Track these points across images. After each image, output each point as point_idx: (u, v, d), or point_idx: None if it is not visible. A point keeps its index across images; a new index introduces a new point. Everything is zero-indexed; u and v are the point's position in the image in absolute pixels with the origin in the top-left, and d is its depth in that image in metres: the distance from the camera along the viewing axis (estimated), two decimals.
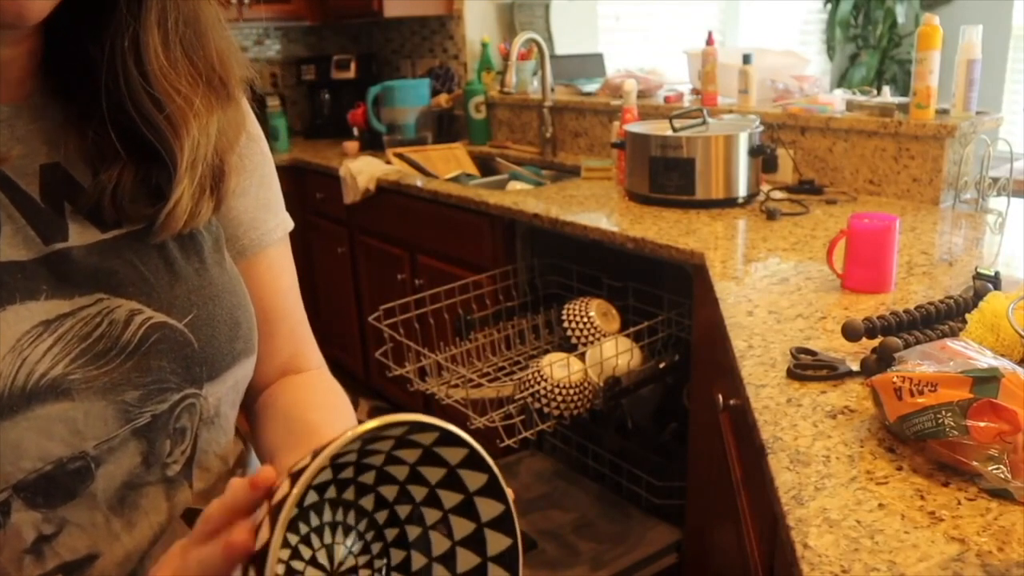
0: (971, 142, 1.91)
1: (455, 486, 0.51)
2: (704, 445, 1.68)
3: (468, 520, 0.51)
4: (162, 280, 0.61)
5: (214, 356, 0.63)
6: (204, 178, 0.62)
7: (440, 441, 0.48)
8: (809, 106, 2.17)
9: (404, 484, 0.53)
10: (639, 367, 1.79)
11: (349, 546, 0.53)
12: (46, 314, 0.55)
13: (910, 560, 0.68)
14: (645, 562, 1.93)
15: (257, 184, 0.71)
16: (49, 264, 0.56)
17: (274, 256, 0.74)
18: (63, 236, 0.57)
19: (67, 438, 0.55)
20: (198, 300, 0.62)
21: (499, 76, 3.02)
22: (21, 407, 0.53)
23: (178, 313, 0.61)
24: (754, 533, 1.10)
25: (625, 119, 2.33)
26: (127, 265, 0.60)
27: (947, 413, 0.78)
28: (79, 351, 0.56)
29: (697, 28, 3.94)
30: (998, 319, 0.99)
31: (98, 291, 0.58)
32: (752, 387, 1.03)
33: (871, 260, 1.34)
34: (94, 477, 0.57)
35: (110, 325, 0.57)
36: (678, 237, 1.74)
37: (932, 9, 3.70)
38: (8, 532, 0.54)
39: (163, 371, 0.60)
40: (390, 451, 0.50)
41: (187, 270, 0.63)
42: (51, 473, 0.55)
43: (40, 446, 0.54)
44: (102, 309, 0.57)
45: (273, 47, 3.69)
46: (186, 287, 0.62)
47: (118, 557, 0.60)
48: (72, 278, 0.57)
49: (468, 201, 2.30)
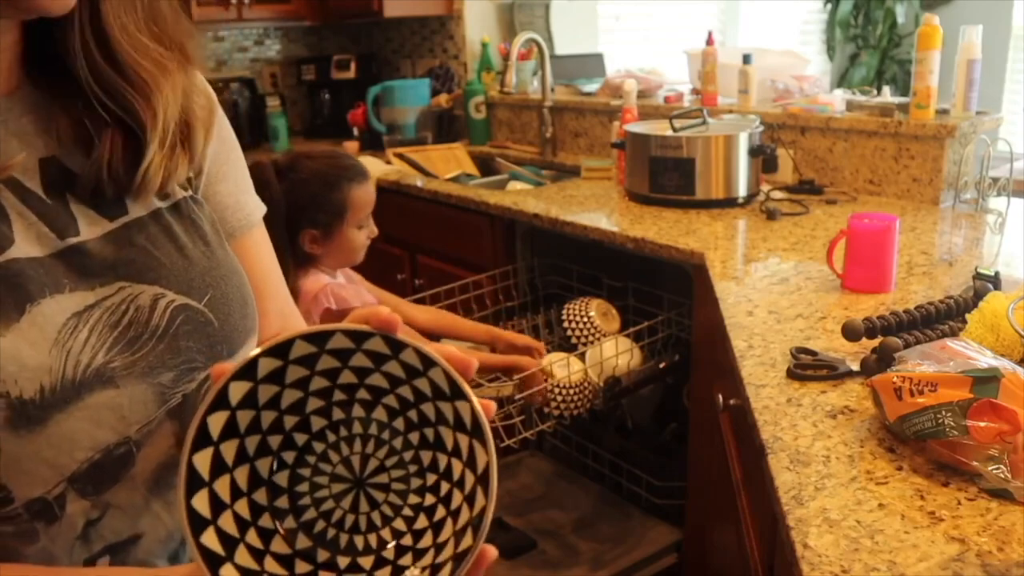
0: (971, 142, 1.91)
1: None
2: (704, 445, 1.68)
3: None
4: (177, 264, 0.62)
5: (232, 334, 0.65)
6: (173, 135, 0.63)
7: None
8: (809, 106, 2.17)
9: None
10: (639, 367, 1.79)
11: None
12: (75, 306, 0.56)
13: (910, 560, 0.68)
14: (645, 562, 1.93)
15: (233, 168, 0.73)
16: (65, 259, 0.57)
17: (258, 237, 0.76)
18: (75, 230, 0.58)
19: (114, 424, 0.57)
20: (212, 281, 0.64)
21: (499, 76, 3.02)
22: (73, 398, 0.55)
23: (197, 294, 0.63)
24: (754, 533, 1.10)
25: (625, 119, 2.33)
26: (142, 252, 0.61)
27: (947, 413, 0.78)
28: (113, 339, 0.57)
29: (697, 28, 3.94)
30: (998, 319, 0.99)
31: (118, 280, 0.59)
32: (752, 387, 1.03)
33: (871, 260, 1.34)
34: (135, 461, 0.59)
35: (137, 311, 0.59)
36: (678, 237, 1.74)
37: (932, 9, 3.70)
38: (63, 523, 0.56)
39: (191, 351, 0.61)
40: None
41: (196, 252, 0.64)
42: (100, 461, 0.57)
43: (92, 435, 0.56)
44: (126, 296, 0.59)
45: (273, 47, 3.69)
46: (199, 269, 0.64)
47: (161, 536, 0.62)
48: (90, 270, 0.58)
49: (468, 201, 2.30)
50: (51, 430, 0.54)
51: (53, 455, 0.54)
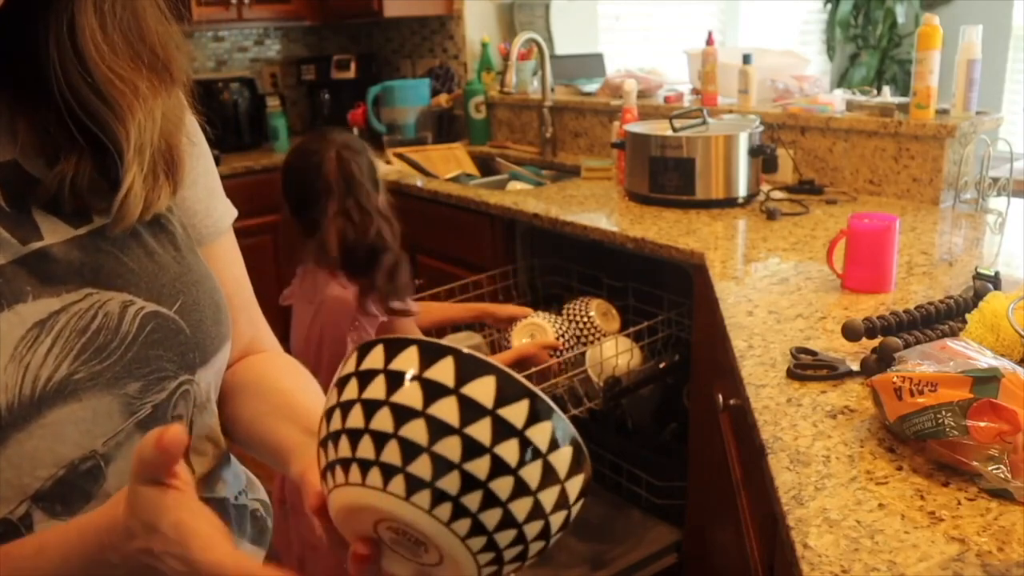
0: (971, 142, 1.91)
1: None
2: (704, 445, 1.68)
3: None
4: (146, 270, 0.61)
5: (204, 341, 0.63)
6: (155, 163, 0.61)
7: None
8: (809, 106, 2.17)
9: None
10: (639, 367, 1.79)
11: None
12: (37, 315, 0.54)
13: (910, 560, 0.68)
14: (645, 562, 1.93)
15: (203, 173, 0.71)
16: (28, 264, 0.55)
17: (228, 243, 0.74)
18: (38, 235, 0.56)
19: (78, 439, 0.55)
20: (182, 287, 0.63)
21: (499, 76, 3.02)
22: (32, 416, 0.52)
23: (167, 301, 0.61)
24: (754, 533, 1.10)
25: (625, 119, 2.33)
26: (110, 258, 0.59)
27: (947, 413, 0.78)
28: (79, 347, 0.55)
29: (697, 28, 3.94)
30: (998, 319, 0.99)
31: (85, 286, 0.57)
32: (752, 387, 1.03)
33: (871, 260, 1.34)
34: (105, 476, 0.57)
35: (105, 318, 0.57)
36: (678, 237, 1.74)
37: (932, 9, 3.70)
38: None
39: (161, 360, 0.60)
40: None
41: (166, 259, 0.63)
42: (65, 477, 0.54)
43: (54, 452, 0.54)
44: (94, 303, 0.57)
45: (273, 47, 3.69)
46: (170, 275, 0.62)
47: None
48: (55, 275, 0.56)
49: (468, 201, 2.30)
50: (10, 451, 0.51)
51: (14, 475, 0.52)
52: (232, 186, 3.02)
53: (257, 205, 3.22)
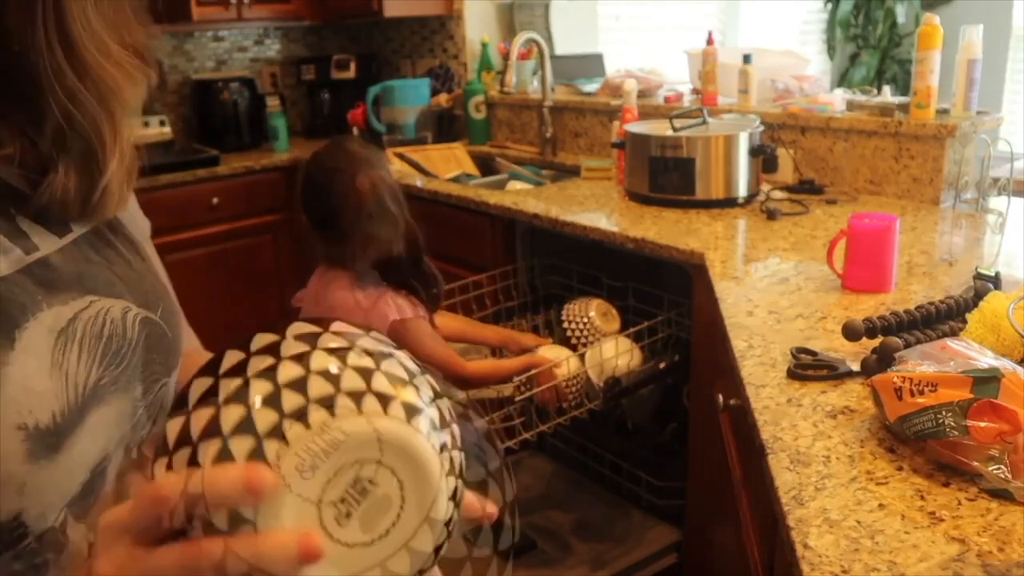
0: (971, 142, 1.91)
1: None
2: (704, 445, 1.68)
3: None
4: (129, 277, 0.62)
5: (178, 343, 0.65)
6: (132, 158, 0.61)
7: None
8: (809, 106, 2.17)
9: None
10: (639, 367, 1.79)
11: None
12: (57, 323, 0.54)
13: (910, 560, 0.68)
14: (645, 562, 1.93)
15: None
16: (32, 274, 0.54)
17: (152, 249, 0.74)
18: (33, 245, 0.55)
19: (104, 442, 0.56)
20: (161, 292, 0.65)
21: (499, 76, 3.02)
22: (77, 421, 0.53)
23: (153, 306, 0.62)
24: (754, 533, 1.10)
25: (625, 119, 2.33)
26: (100, 266, 0.59)
27: (947, 413, 0.78)
28: (100, 353, 0.56)
29: (697, 28, 3.94)
30: (998, 319, 0.99)
31: (87, 294, 0.57)
32: (752, 387, 1.03)
33: (871, 260, 1.34)
34: (106, 477, 0.57)
35: (112, 324, 0.57)
36: (678, 237, 1.74)
37: (932, 9, 3.70)
38: (70, 551, 0.54)
39: (155, 363, 0.61)
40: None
41: (140, 266, 0.64)
42: (89, 481, 0.55)
43: (91, 455, 0.54)
44: (99, 310, 0.57)
45: (273, 47, 3.69)
46: (148, 281, 0.64)
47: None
48: (57, 285, 0.55)
49: (468, 201, 2.30)
50: (64, 456, 0.52)
51: (63, 480, 0.52)
52: (232, 186, 3.06)
53: (257, 205, 3.23)
